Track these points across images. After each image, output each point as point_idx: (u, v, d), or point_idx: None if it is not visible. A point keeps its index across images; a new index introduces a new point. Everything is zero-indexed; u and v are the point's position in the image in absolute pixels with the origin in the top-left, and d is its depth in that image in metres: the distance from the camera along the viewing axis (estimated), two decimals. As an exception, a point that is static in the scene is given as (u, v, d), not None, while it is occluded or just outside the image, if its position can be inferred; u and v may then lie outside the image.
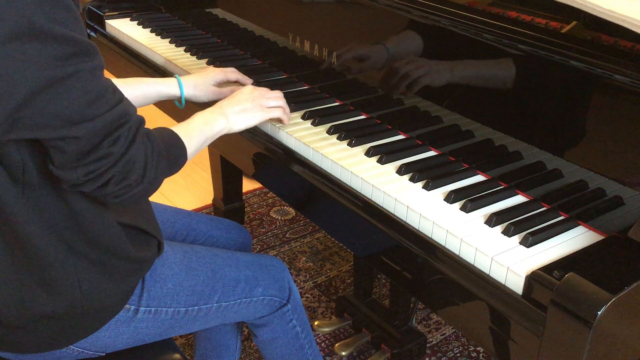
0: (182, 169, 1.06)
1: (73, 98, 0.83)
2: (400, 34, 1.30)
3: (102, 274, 1.02)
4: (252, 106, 1.25)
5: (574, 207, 1.05)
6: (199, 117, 1.17)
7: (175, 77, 1.40)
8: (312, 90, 1.52)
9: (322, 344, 1.93)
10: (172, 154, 1.04)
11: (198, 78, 1.42)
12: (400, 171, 1.17)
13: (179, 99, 1.40)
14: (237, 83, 1.49)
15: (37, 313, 0.99)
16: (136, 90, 1.34)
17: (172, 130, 1.08)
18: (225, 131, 1.21)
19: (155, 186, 0.99)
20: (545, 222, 1.02)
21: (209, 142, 1.18)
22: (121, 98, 0.92)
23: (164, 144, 1.00)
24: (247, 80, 1.50)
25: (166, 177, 1.02)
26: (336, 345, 1.74)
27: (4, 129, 0.83)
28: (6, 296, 0.97)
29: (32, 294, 0.98)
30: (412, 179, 1.14)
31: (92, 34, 2.03)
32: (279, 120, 1.32)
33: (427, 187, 1.12)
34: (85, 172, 0.88)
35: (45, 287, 0.98)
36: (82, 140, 0.86)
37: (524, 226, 1.00)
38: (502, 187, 1.13)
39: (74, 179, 0.89)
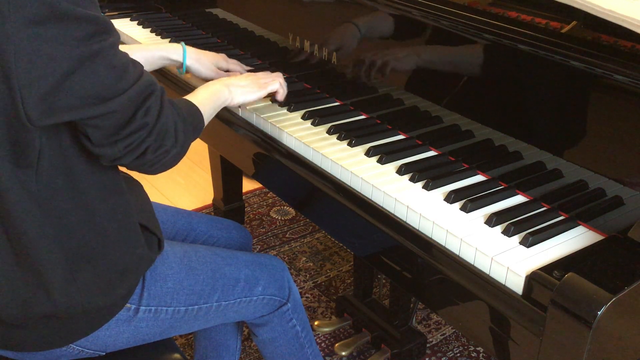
0: (182, 169, 1.08)
1: (102, 75, 0.86)
2: (399, 34, 1.30)
3: (101, 272, 1.02)
4: (250, 83, 1.32)
5: (574, 207, 1.05)
6: (204, 89, 1.22)
7: (181, 44, 1.44)
8: (312, 90, 1.52)
9: (322, 344, 1.93)
10: (194, 119, 1.09)
11: (202, 53, 1.47)
12: (400, 171, 1.17)
13: (181, 65, 1.44)
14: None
15: (38, 312, 0.99)
16: (140, 57, 1.38)
17: (187, 99, 1.13)
18: (227, 102, 1.27)
19: (185, 150, 1.04)
20: (545, 222, 1.02)
21: (216, 111, 1.24)
22: (142, 69, 0.95)
23: (185, 110, 1.06)
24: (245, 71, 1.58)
25: (192, 141, 1.07)
26: (336, 345, 1.74)
27: (39, 113, 0.84)
28: (9, 294, 0.97)
29: (33, 293, 0.98)
30: (412, 179, 1.14)
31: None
32: (277, 94, 1.36)
33: (427, 187, 1.12)
34: (125, 145, 0.92)
35: (44, 287, 0.98)
36: (117, 115, 0.89)
37: (524, 226, 1.00)
38: (502, 187, 1.13)
39: (114, 154, 0.93)
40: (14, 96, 0.82)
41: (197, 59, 1.44)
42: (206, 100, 1.19)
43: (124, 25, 1.97)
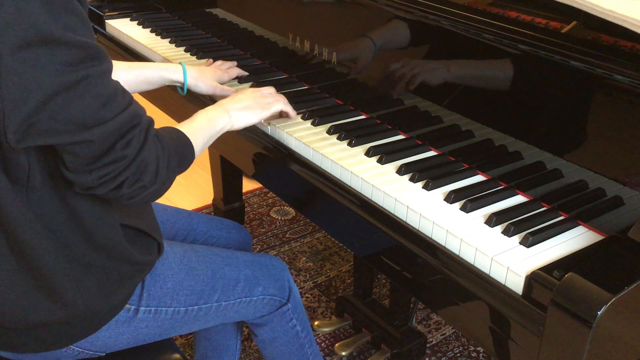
0: (182, 168, 1.07)
1: (85, 102, 0.84)
2: (400, 34, 1.30)
3: (102, 279, 1.02)
4: (253, 104, 1.27)
5: (574, 207, 1.05)
6: (202, 115, 1.18)
7: (181, 64, 1.43)
8: (312, 90, 1.52)
9: (322, 344, 1.93)
10: (181, 153, 1.05)
11: (202, 71, 1.46)
12: (400, 171, 1.17)
13: (182, 85, 1.42)
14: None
15: (39, 319, 0.99)
16: (140, 74, 1.38)
17: (178, 130, 1.09)
18: (227, 128, 1.22)
19: (167, 185, 1.00)
20: (545, 222, 1.02)
21: (214, 139, 1.19)
22: (130, 100, 0.92)
23: (172, 143, 1.01)
24: (244, 75, 1.56)
25: (177, 175, 1.03)
26: (336, 345, 1.74)
27: (18, 136, 0.83)
28: (10, 301, 0.97)
29: (35, 300, 0.98)
30: (412, 179, 1.14)
31: (92, 34, 2.03)
32: (283, 115, 1.32)
33: (427, 187, 1.12)
34: (99, 175, 0.89)
35: (47, 294, 0.98)
36: (95, 144, 0.86)
37: (524, 226, 1.00)
38: (502, 187, 1.13)
39: (88, 183, 0.90)
40: None
41: (198, 78, 1.43)
42: (201, 128, 1.14)
43: (124, 25, 1.97)
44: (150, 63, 1.42)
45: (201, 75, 1.44)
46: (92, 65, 0.84)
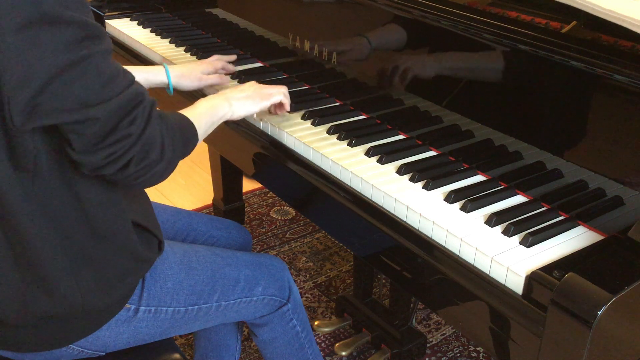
0: (182, 169, 1.07)
1: (88, 80, 0.85)
2: (399, 34, 1.30)
3: (101, 273, 1.02)
4: (253, 94, 1.29)
5: (574, 207, 1.05)
6: (203, 102, 1.20)
7: (163, 65, 1.45)
8: (312, 90, 1.52)
9: (322, 344, 1.93)
10: (185, 135, 1.06)
11: (185, 68, 1.48)
12: (400, 171, 1.17)
13: (167, 86, 1.44)
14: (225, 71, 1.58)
15: (38, 313, 0.99)
16: None
17: (181, 113, 1.10)
18: (228, 116, 1.24)
19: (173, 165, 1.01)
20: (545, 222, 1.02)
21: (215, 126, 1.21)
22: (132, 79, 0.93)
23: (177, 124, 1.03)
24: (230, 66, 1.59)
25: (182, 158, 1.04)
26: (336, 345, 1.74)
27: (24, 117, 0.84)
28: (8, 296, 0.97)
29: (33, 294, 0.98)
30: (412, 179, 1.14)
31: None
32: (281, 108, 1.33)
33: (427, 187, 1.12)
34: (106, 154, 0.90)
35: (45, 288, 0.98)
36: (100, 122, 0.87)
37: (524, 226, 1.00)
38: (502, 187, 1.13)
39: (95, 163, 0.90)
40: (2, 99, 0.82)
41: (181, 76, 1.45)
42: (203, 114, 1.16)
43: (124, 25, 1.97)
44: (134, 66, 1.43)
45: (185, 72, 1.46)
46: (93, 44, 0.85)
